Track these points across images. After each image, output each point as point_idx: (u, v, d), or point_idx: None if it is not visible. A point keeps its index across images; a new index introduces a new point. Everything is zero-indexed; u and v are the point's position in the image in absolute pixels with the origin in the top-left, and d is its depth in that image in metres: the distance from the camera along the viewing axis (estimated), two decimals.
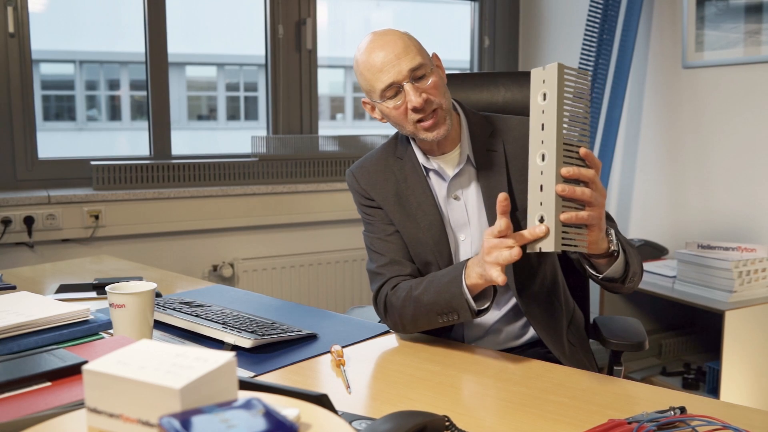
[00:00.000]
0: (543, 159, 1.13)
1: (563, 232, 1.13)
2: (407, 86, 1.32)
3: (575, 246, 1.15)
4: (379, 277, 1.44)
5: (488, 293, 1.30)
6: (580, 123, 1.14)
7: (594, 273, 1.29)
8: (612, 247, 1.24)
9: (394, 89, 1.33)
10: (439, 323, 1.33)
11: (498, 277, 1.16)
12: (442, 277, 1.33)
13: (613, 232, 1.25)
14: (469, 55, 3.71)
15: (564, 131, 1.12)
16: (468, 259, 1.29)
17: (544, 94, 1.13)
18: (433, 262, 1.42)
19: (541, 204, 1.14)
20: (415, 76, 1.33)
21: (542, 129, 1.13)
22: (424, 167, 1.44)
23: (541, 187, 1.14)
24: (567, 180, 1.12)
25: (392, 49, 1.33)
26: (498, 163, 1.42)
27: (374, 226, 1.48)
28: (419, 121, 1.35)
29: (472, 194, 1.43)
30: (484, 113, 1.51)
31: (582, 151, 1.14)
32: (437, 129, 1.36)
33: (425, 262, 1.43)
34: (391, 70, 1.32)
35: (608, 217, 1.32)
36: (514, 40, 3.68)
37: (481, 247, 1.22)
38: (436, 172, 1.44)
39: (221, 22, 5.76)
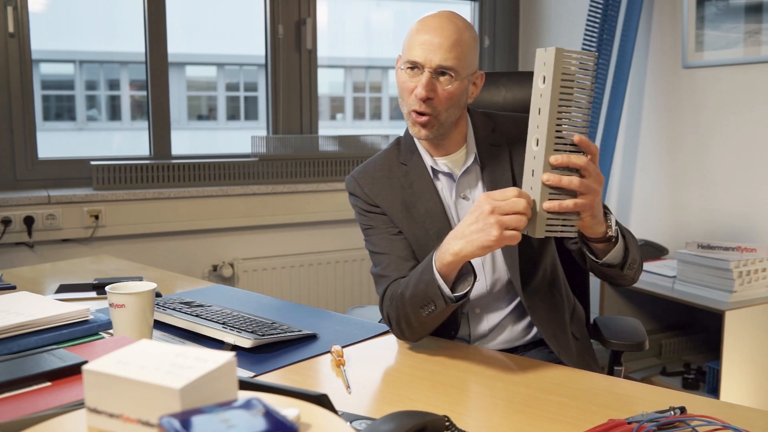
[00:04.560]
0: (537, 144, 1.13)
1: (548, 218, 1.13)
2: (425, 75, 1.31)
3: (561, 232, 1.15)
4: (384, 280, 1.40)
5: (468, 278, 1.24)
6: (579, 109, 1.13)
7: (593, 259, 1.28)
8: (610, 233, 1.23)
9: (417, 68, 1.33)
10: (425, 317, 1.27)
11: (512, 238, 1.12)
12: (418, 266, 1.30)
13: (613, 217, 1.24)
14: None
15: (560, 117, 1.12)
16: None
17: (544, 78, 1.12)
18: None
19: (531, 189, 1.15)
20: (439, 71, 1.32)
21: (539, 113, 1.13)
22: (433, 169, 1.43)
23: (533, 172, 1.15)
24: (559, 167, 1.12)
25: (440, 38, 1.31)
26: (502, 158, 1.42)
27: (377, 228, 1.45)
28: (414, 110, 1.35)
29: (478, 193, 1.43)
30: (482, 110, 1.51)
31: (575, 137, 1.13)
32: (423, 129, 1.36)
33: None
34: (425, 53, 1.31)
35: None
36: (514, 40, 3.68)
37: (483, 208, 1.14)
38: (445, 174, 1.43)
39: (221, 22, 5.76)
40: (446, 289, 1.22)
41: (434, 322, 1.31)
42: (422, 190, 1.42)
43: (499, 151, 1.43)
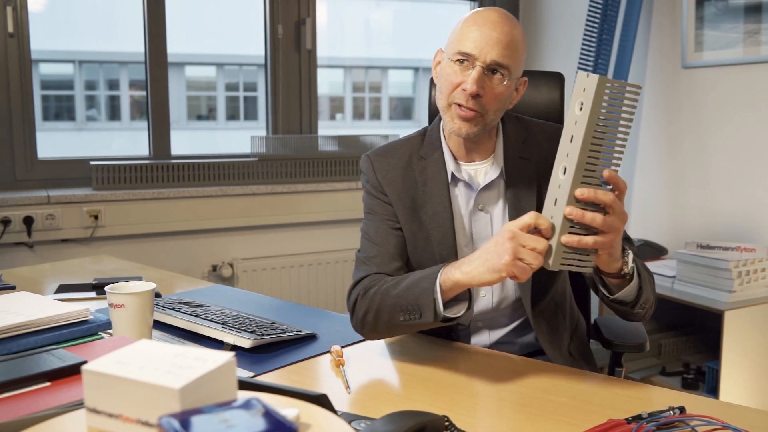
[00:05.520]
0: (564, 173, 1.08)
1: (565, 251, 1.09)
2: (477, 70, 1.25)
3: (576, 267, 1.11)
4: (365, 268, 1.35)
5: (462, 304, 1.21)
6: (613, 143, 1.07)
7: (605, 293, 1.24)
8: (625, 270, 1.18)
9: (467, 61, 1.27)
10: (400, 322, 1.22)
11: (522, 273, 1.09)
12: (420, 272, 1.24)
13: (630, 254, 1.19)
14: None
15: (592, 150, 1.06)
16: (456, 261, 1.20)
17: (581, 104, 1.06)
18: None
19: (551, 218, 1.10)
20: (492, 68, 1.26)
21: (570, 141, 1.08)
22: (453, 175, 1.37)
23: (556, 201, 1.10)
24: (584, 201, 1.07)
25: (499, 36, 1.25)
26: (529, 173, 1.36)
27: (378, 215, 1.40)
28: (458, 105, 1.28)
29: (499, 208, 1.38)
30: (517, 115, 1.45)
31: (605, 173, 1.07)
32: (466, 124, 1.29)
33: None
34: (481, 47, 1.25)
35: (627, 239, 1.26)
36: None
37: (504, 234, 1.11)
38: (465, 183, 1.38)
39: (221, 22, 5.76)
40: (440, 304, 1.18)
41: (402, 331, 1.29)
42: (434, 192, 1.37)
43: (527, 165, 1.37)
